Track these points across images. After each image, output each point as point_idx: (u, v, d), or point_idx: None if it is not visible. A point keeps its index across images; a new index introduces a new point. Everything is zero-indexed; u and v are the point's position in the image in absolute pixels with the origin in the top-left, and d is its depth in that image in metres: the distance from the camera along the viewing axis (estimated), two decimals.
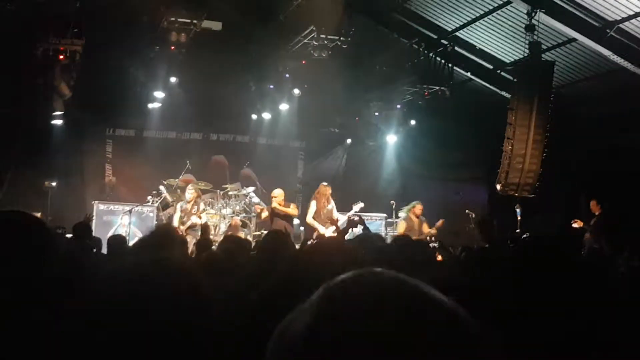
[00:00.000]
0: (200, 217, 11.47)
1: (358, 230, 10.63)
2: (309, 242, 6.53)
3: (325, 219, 10.74)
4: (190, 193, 11.66)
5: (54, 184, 13.15)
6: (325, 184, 11.22)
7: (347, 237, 9.33)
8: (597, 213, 11.09)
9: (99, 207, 13.59)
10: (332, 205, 10.97)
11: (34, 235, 1.65)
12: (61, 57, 11.63)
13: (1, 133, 11.42)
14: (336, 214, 10.97)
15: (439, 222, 11.70)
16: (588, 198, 11.47)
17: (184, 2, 11.50)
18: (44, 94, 12.26)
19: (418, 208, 11.69)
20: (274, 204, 11.05)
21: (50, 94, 12.27)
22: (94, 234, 11.50)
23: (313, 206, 10.88)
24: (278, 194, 11.17)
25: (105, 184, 14.93)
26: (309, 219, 10.76)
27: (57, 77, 11.92)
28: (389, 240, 7.62)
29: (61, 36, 11.58)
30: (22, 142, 12.65)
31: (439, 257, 7.56)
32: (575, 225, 11.13)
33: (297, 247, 7.08)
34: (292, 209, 11.26)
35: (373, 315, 0.71)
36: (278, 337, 0.76)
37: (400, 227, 11.64)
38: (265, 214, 11.38)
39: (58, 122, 13.05)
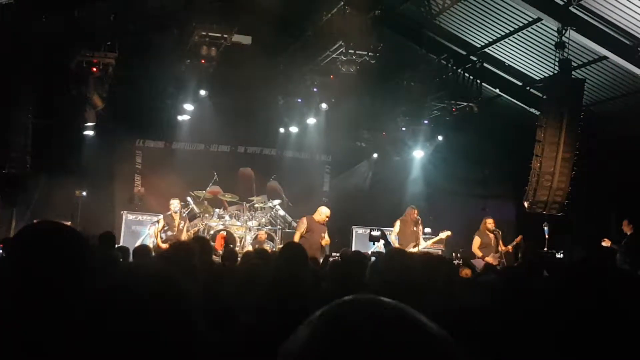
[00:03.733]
0: (187, 234, 11.44)
1: (380, 244, 10.65)
2: (330, 259, 6.54)
3: (410, 239, 11.06)
4: (173, 206, 11.66)
5: (84, 193, 13.37)
6: (412, 206, 11.68)
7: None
8: (628, 233, 10.91)
9: (127, 217, 13.80)
10: (418, 228, 11.38)
11: (72, 245, 1.71)
12: (94, 69, 11.88)
13: (34, 143, 11.66)
14: (421, 240, 11.37)
15: (518, 239, 11.68)
16: (619, 217, 11.30)
17: (215, 16, 11.66)
18: (77, 105, 12.53)
19: (489, 222, 11.44)
20: (319, 218, 10.73)
21: (83, 106, 12.53)
22: (122, 243, 11.73)
23: (397, 226, 11.38)
24: (329, 213, 10.89)
25: (134, 194, 15.13)
26: (392, 237, 10.85)
27: (90, 89, 12.18)
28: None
29: (95, 49, 11.84)
30: (54, 152, 12.89)
31: (465, 274, 7.51)
32: (604, 244, 10.98)
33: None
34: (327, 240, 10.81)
35: (361, 340, 0.75)
36: (281, 353, 0.81)
37: (475, 243, 11.46)
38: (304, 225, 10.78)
39: (90, 132, 13.28)
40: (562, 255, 10.93)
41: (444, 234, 12.01)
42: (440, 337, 0.78)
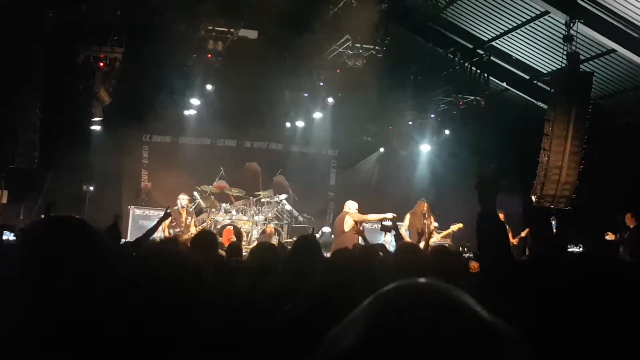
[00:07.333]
0: (196, 228, 11.36)
1: (390, 236, 10.61)
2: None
3: (421, 232, 10.87)
4: (182, 200, 11.55)
5: (91, 188, 13.40)
6: (422, 199, 11.49)
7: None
8: (632, 226, 10.88)
9: (134, 211, 13.85)
10: (430, 221, 11.21)
11: (86, 237, 1.72)
12: (101, 64, 11.90)
13: (42, 138, 11.68)
14: (434, 232, 11.16)
15: (524, 232, 11.65)
16: (627, 210, 11.26)
17: (221, 11, 11.65)
18: (84, 100, 12.55)
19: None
20: (357, 215, 10.47)
21: (90, 100, 12.55)
22: (129, 238, 11.76)
23: (407, 220, 11.27)
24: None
25: (141, 189, 15.16)
26: (402, 230, 10.70)
27: (97, 83, 12.19)
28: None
29: (102, 44, 11.86)
30: (61, 147, 12.93)
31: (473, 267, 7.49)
32: (607, 237, 10.95)
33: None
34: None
35: (426, 328, 0.70)
36: (327, 349, 0.75)
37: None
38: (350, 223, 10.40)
39: (97, 127, 13.31)
40: (580, 248, 10.91)
41: (455, 227, 11.91)
42: (503, 333, 0.74)
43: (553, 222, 11.67)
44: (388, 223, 9.27)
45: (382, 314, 0.74)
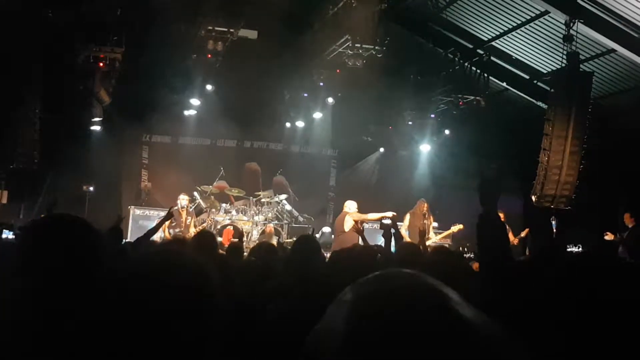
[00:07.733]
0: (196, 229, 11.27)
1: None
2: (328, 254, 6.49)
3: (422, 232, 10.78)
4: (182, 200, 11.46)
5: (91, 188, 13.40)
6: (422, 199, 11.38)
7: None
8: (630, 226, 10.89)
9: (134, 211, 13.84)
10: (429, 221, 11.13)
11: (85, 236, 1.72)
12: (101, 64, 11.92)
13: (42, 138, 11.69)
14: (432, 233, 11.20)
15: (524, 232, 11.67)
16: (627, 210, 11.27)
17: (221, 11, 11.65)
18: (84, 100, 12.56)
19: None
20: (356, 214, 10.31)
21: (90, 100, 12.56)
22: (129, 238, 11.76)
23: (406, 220, 11.19)
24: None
25: (141, 189, 15.16)
26: (402, 230, 10.62)
27: (97, 83, 12.21)
28: None
29: (101, 44, 11.87)
30: (61, 147, 12.93)
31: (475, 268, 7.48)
32: (606, 237, 10.95)
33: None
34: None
35: (406, 313, 0.71)
36: (312, 342, 0.75)
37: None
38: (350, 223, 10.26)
39: (97, 127, 13.31)
40: (580, 248, 10.92)
41: (455, 227, 11.86)
42: (485, 331, 0.74)
43: (553, 222, 11.67)
44: (388, 222, 9.23)
45: (365, 300, 0.74)
